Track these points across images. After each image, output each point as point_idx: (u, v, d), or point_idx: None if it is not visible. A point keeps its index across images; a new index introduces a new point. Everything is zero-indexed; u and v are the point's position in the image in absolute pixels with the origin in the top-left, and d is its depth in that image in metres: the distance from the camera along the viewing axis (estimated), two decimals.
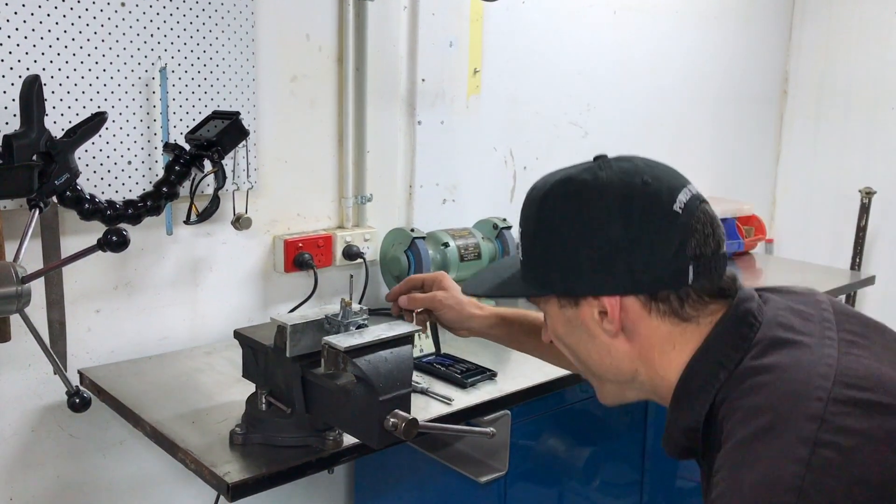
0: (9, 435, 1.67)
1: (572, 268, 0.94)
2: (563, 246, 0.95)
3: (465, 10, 2.29)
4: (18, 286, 1.23)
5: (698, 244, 0.92)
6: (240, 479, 1.26)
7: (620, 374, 0.99)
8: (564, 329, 1.00)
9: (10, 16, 1.50)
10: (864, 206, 3.18)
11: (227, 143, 1.61)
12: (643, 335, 0.95)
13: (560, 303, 0.98)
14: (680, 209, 0.92)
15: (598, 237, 0.92)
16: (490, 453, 1.74)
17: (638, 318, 0.94)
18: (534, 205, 0.99)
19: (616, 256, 0.91)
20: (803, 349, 0.88)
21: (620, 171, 0.94)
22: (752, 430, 0.80)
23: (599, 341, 0.97)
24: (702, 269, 0.92)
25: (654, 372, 0.97)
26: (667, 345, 0.94)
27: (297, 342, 1.29)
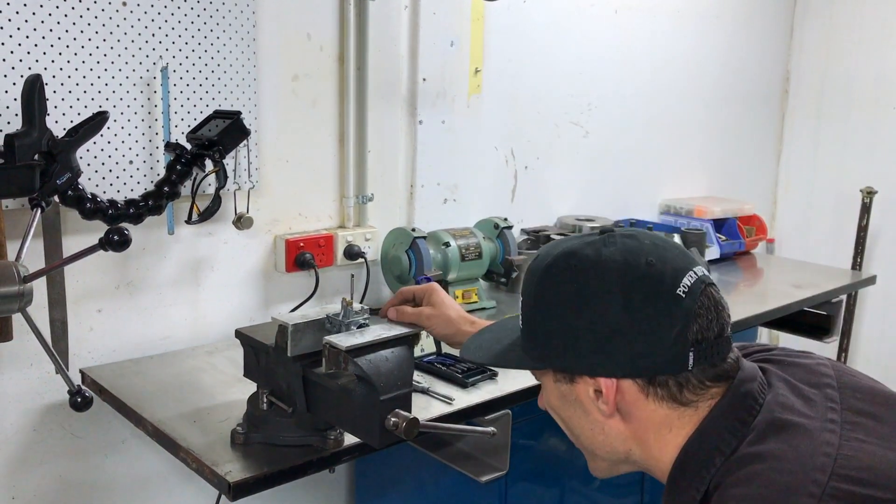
0: (11, 434, 1.67)
1: (569, 345, 0.93)
2: (561, 322, 0.93)
3: (466, 9, 2.29)
4: (20, 285, 1.23)
5: (700, 329, 0.90)
6: (241, 478, 1.26)
7: (613, 452, 0.98)
8: (559, 402, 0.99)
9: (12, 15, 1.50)
10: (865, 206, 3.18)
11: (229, 142, 1.62)
12: (639, 418, 0.93)
13: (556, 377, 0.97)
14: (683, 293, 0.89)
15: (597, 318, 0.90)
16: (491, 453, 1.74)
17: (634, 400, 0.92)
18: (535, 276, 0.98)
19: (614, 339, 0.90)
20: (802, 434, 0.86)
21: (624, 250, 0.92)
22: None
23: (593, 419, 0.96)
24: (703, 354, 0.90)
25: (648, 453, 0.95)
26: (663, 428, 0.93)
27: (298, 342, 1.29)
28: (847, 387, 0.95)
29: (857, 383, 0.96)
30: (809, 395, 0.92)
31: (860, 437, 0.86)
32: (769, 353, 1.02)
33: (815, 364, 0.99)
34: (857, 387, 0.95)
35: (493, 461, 1.73)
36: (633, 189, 2.96)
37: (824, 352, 3.45)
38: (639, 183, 2.98)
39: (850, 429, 0.87)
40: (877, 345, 3.39)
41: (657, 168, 3.04)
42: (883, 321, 3.36)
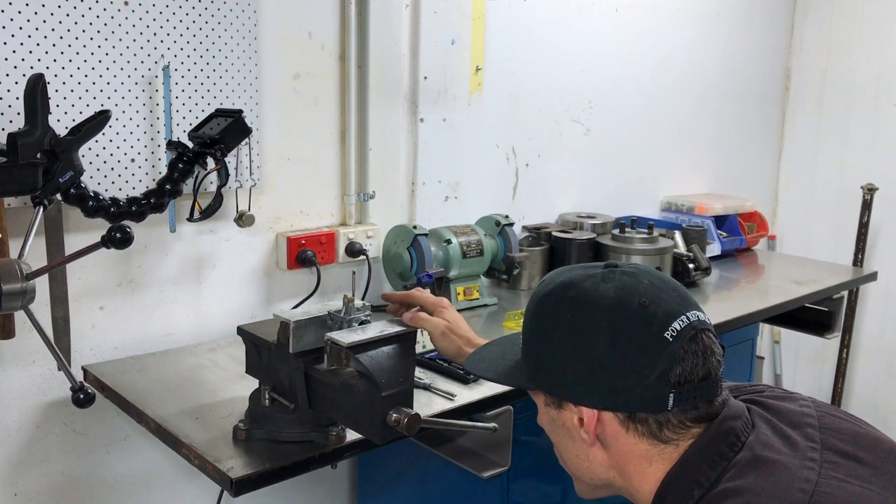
0: (13, 431, 1.68)
1: (557, 373, 0.97)
2: (551, 350, 0.98)
3: (466, 7, 2.30)
4: (23, 283, 1.24)
5: (684, 372, 0.92)
6: (243, 474, 1.26)
7: (596, 478, 1.01)
8: (549, 425, 1.03)
9: (14, 14, 1.51)
10: (866, 203, 3.18)
11: (230, 140, 1.62)
12: (619, 450, 0.96)
13: (546, 399, 1.01)
14: (671, 336, 0.91)
15: (583, 350, 0.94)
16: (492, 448, 1.75)
17: (615, 433, 0.95)
18: (534, 302, 1.02)
19: (598, 372, 0.93)
20: (781, 471, 0.87)
21: (620, 287, 0.95)
22: None
23: (578, 445, 0.99)
24: (684, 396, 0.92)
25: (629, 483, 0.98)
26: (643, 461, 0.95)
27: (300, 338, 1.30)
28: (829, 428, 0.97)
29: (839, 425, 0.98)
30: (791, 436, 0.94)
31: (839, 476, 0.88)
32: (757, 395, 1.04)
33: (799, 406, 1.01)
34: (839, 429, 0.97)
35: (495, 457, 1.73)
36: (635, 186, 2.96)
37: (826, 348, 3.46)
38: (640, 180, 2.98)
39: (829, 468, 0.89)
40: (878, 341, 3.40)
41: (658, 165, 3.04)
42: (884, 317, 3.36)
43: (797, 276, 2.65)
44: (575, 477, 1.06)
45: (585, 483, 1.04)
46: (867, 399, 3.44)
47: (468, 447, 1.79)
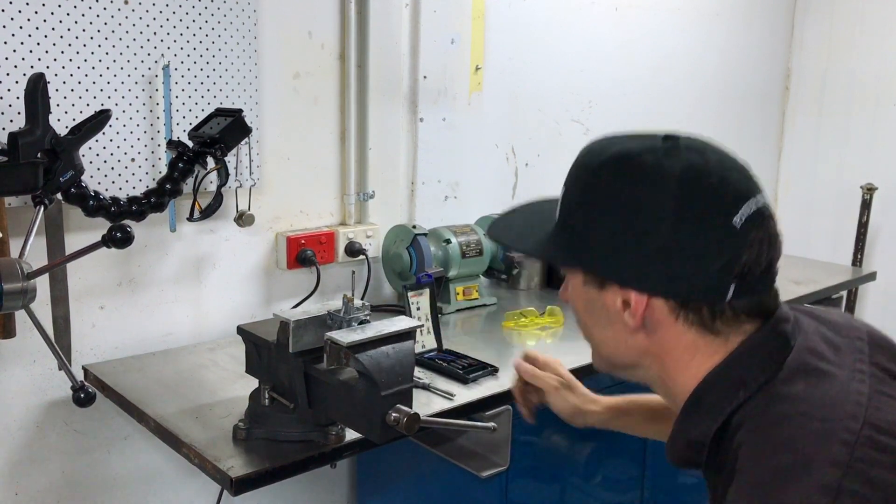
0: (14, 430, 1.68)
1: (607, 252, 0.87)
2: (603, 228, 0.87)
3: (466, 7, 2.30)
4: (24, 282, 1.24)
5: (748, 262, 0.84)
6: (243, 473, 1.27)
7: (626, 361, 0.94)
8: (584, 305, 0.94)
9: (15, 14, 1.51)
10: (866, 203, 3.18)
11: (230, 140, 1.62)
12: (664, 337, 0.89)
13: (585, 279, 0.92)
14: (739, 222, 0.84)
15: (643, 232, 0.84)
16: (491, 448, 1.75)
17: (662, 320, 0.87)
18: (585, 173, 0.92)
19: (656, 256, 0.84)
20: (833, 382, 0.82)
21: (688, 166, 0.85)
22: (771, 470, 0.76)
23: (616, 328, 0.91)
24: (745, 287, 0.85)
25: (665, 373, 0.91)
26: (687, 353, 0.88)
27: (299, 338, 1.30)
28: (878, 344, 0.91)
29: (889, 344, 0.92)
30: (838, 344, 0.88)
31: (888, 392, 0.82)
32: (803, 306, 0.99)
33: (848, 320, 0.95)
34: (888, 346, 0.92)
35: (494, 456, 1.74)
36: None
37: None
38: None
39: (877, 382, 0.84)
40: None
41: None
42: (883, 317, 3.36)
43: (796, 276, 2.65)
44: (599, 355, 0.98)
45: (611, 364, 0.97)
46: None
47: (467, 447, 1.79)
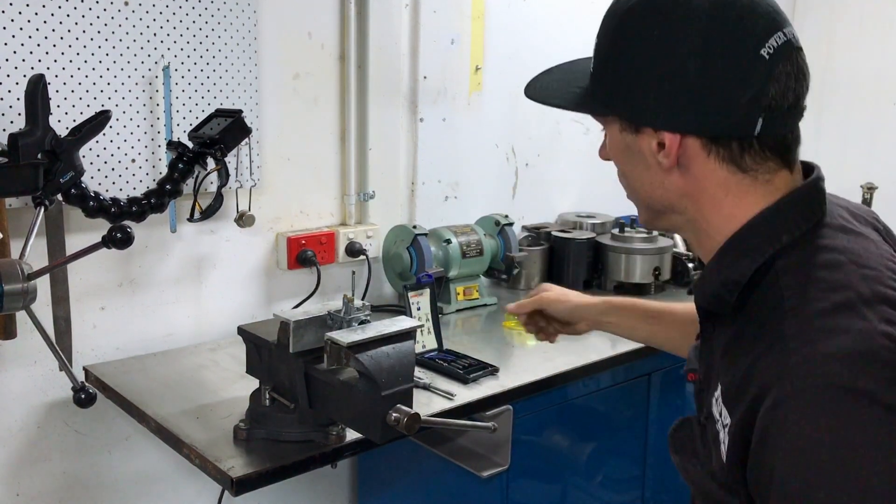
0: (15, 431, 1.69)
1: (640, 95, 0.89)
2: (634, 69, 0.89)
3: (466, 7, 2.30)
4: (24, 283, 1.24)
5: (776, 96, 0.85)
6: (244, 473, 1.27)
7: (667, 205, 0.96)
8: (622, 154, 0.97)
9: (15, 15, 1.51)
10: (866, 202, 3.17)
11: (230, 140, 1.62)
12: (697, 175, 0.90)
13: (621, 126, 0.94)
14: (768, 54, 0.84)
15: (673, 69, 0.86)
16: (492, 448, 1.75)
17: (695, 157, 0.89)
18: (614, 19, 0.92)
19: (686, 93, 0.86)
20: (867, 241, 0.87)
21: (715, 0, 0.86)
22: (831, 304, 0.77)
23: (653, 172, 0.93)
24: (772, 121, 0.86)
25: (700, 214, 0.93)
26: (720, 191, 0.90)
27: (300, 338, 1.30)
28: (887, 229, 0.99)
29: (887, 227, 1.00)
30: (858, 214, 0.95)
31: None
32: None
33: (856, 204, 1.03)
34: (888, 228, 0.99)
35: (495, 456, 1.74)
36: None
37: None
38: None
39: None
40: None
41: None
42: None
43: None
44: (642, 205, 1.01)
45: (652, 210, 0.99)
46: None
47: (468, 447, 1.79)
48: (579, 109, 1.00)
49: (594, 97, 0.96)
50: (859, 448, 0.70)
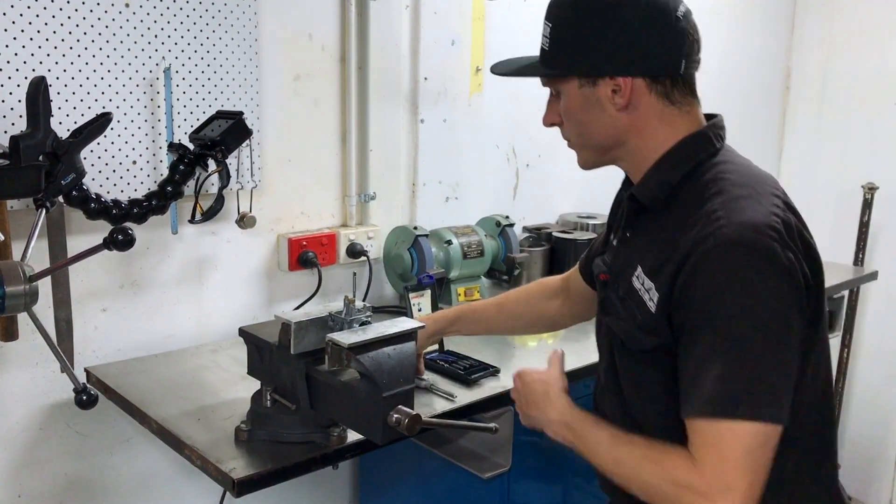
0: (17, 432, 1.69)
1: (598, 52, 1.16)
2: (593, 32, 1.15)
3: (466, 8, 2.30)
4: (26, 285, 1.24)
5: (689, 46, 1.19)
6: (245, 475, 1.27)
7: (616, 141, 1.21)
8: (580, 107, 1.20)
9: (16, 17, 1.51)
10: (867, 202, 3.18)
11: (231, 142, 1.63)
12: (642, 112, 1.18)
13: (580, 83, 1.18)
14: (682, 15, 1.18)
15: (622, 27, 1.14)
16: (493, 449, 1.76)
17: (641, 95, 1.16)
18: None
19: (634, 45, 1.14)
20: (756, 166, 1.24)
21: None
22: (739, 194, 1.11)
23: (608, 115, 1.18)
24: (689, 64, 1.20)
25: (642, 142, 1.19)
26: (656, 121, 1.18)
27: (301, 339, 1.30)
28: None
29: None
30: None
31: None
32: None
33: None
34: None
35: (496, 457, 1.74)
36: None
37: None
38: None
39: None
40: (879, 340, 3.40)
41: None
42: (885, 317, 3.36)
43: None
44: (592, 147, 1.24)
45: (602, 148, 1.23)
46: (868, 399, 3.44)
47: (469, 448, 1.79)
48: (543, 75, 1.23)
49: (553, 64, 1.20)
50: (753, 280, 1.04)
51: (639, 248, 1.20)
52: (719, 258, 1.05)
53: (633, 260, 1.20)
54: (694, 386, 1.05)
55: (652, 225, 1.19)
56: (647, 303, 1.14)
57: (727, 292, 1.04)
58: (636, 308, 1.16)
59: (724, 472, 1.02)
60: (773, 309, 1.04)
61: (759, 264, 1.04)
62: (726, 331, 1.04)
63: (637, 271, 1.17)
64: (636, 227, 1.24)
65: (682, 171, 1.17)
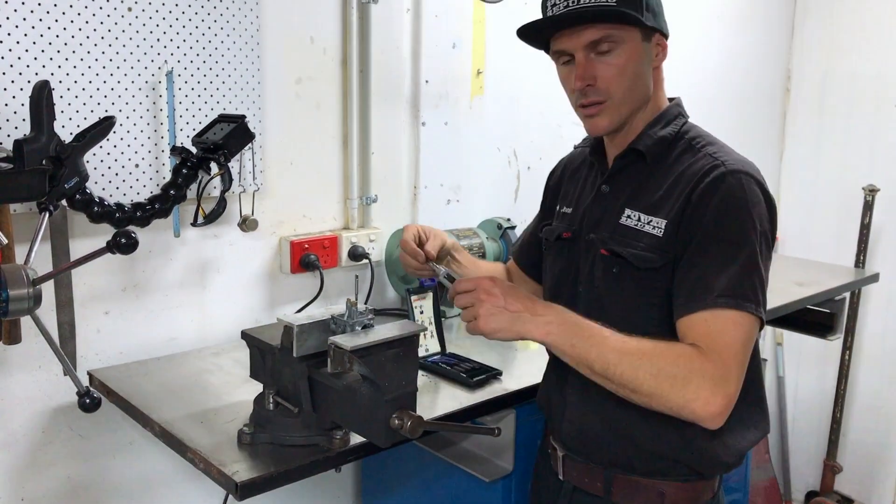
0: (20, 436, 1.69)
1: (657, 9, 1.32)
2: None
3: (467, 11, 2.30)
4: (29, 288, 1.24)
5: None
6: (248, 478, 1.27)
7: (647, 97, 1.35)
8: (637, 58, 1.30)
9: (20, 21, 1.52)
10: (868, 204, 3.18)
11: (234, 145, 1.63)
12: (659, 69, 1.37)
13: (643, 36, 1.30)
14: None
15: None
16: (496, 452, 1.76)
17: (663, 55, 1.35)
18: None
19: (661, 8, 1.34)
20: None
21: None
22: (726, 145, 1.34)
23: (649, 71, 1.33)
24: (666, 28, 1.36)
25: (652, 101, 1.36)
26: (659, 83, 1.38)
27: (303, 342, 1.31)
28: None
29: None
30: None
31: None
32: None
33: None
34: None
35: (498, 460, 1.74)
36: None
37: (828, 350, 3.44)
38: None
39: None
40: (880, 342, 3.40)
41: None
42: (886, 318, 3.37)
43: (799, 278, 2.65)
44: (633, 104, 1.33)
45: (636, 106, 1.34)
46: (870, 401, 3.44)
47: (471, 451, 1.79)
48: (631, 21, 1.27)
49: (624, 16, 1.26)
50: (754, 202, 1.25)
51: (624, 197, 1.36)
52: (727, 184, 1.24)
53: (614, 207, 1.36)
54: (703, 285, 1.21)
55: (639, 176, 1.35)
56: (652, 231, 1.29)
57: (736, 210, 1.23)
58: (635, 240, 1.31)
59: (728, 357, 1.18)
60: (765, 229, 1.26)
61: (758, 190, 1.27)
62: (737, 241, 1.22)
63: (625, 213, 1.33)
64: (616, 182, 1.39)
65: (675, 130, 1.36)
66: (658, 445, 1.33)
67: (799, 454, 3.61)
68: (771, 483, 3.34)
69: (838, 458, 3.43)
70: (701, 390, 1.16)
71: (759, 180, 1.28)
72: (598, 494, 1.40)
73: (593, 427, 1.39)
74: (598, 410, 1.36)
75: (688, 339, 1.21)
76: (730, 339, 1.19)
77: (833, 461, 3.42)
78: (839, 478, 3.46)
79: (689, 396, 1.16)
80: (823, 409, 3.51)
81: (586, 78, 1.30)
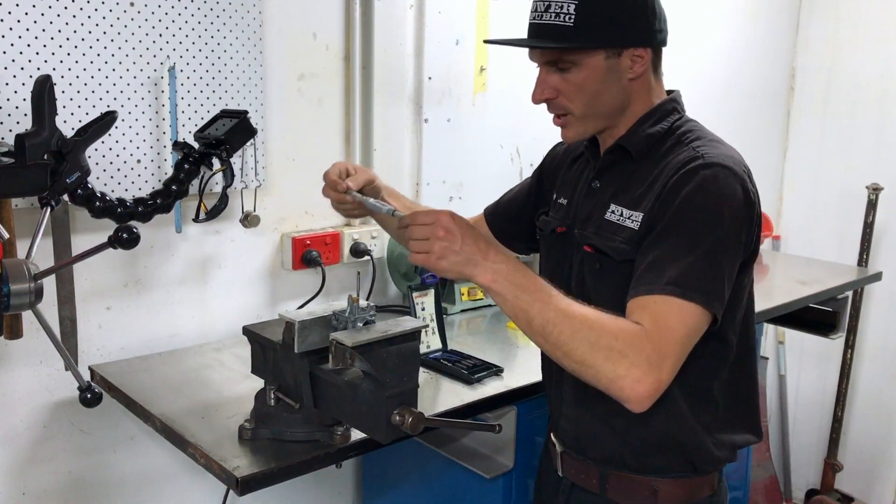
0: (21, 430, 1.69)
1: (626, 22, 1.27)
2: (617, 7, 1.26)
3: (471, 8, 2.30)
4: (31, 283, 1.24)
5: (664, 21, 1.33)
6: (249, 473, 1.27)
7: (621, 108, 1.33)
8: (601, 77, 1.28)
9: (21, 16, 1.52)
10: (871, 203, 3.17)
11: (236, 141, 1.63)
12: (643, 78, 1.32)
13: (607, 54, 1.27)
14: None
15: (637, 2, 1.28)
16: (496, 448, 1.76)
17: (646, 65, 1.31)
18: None
19: (646, 18, 1.28)
20: None
21: None
22: (715, 139, 1.32)
23: (621, 84, 1.30)
24: (665, 38, 1.34)
25: (631, 108, 1.34)
26: (648, 89, 1.34)
27: (305, 338, 1.31)
28: None
29: None
30: None
31: None
32: None
33: None
34: None
35: (499, 457, 1.74)
36: None
37: (830, 348, 3.44)
38: None
39: None
40: (882, 341, 3.39)
41: None
42: (889, 317, 3.36)
43: (801, 277, 2.65)
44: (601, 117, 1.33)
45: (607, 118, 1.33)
46: (872, 400, 3.44)
47: (472, 447, 1.79)
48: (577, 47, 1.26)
49: (582, 37, 1.25)
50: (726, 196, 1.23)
51: (611, 192, 1.35)
52: (700, 175, 1.23)
53: (602, 202, 1.35)
54: (657, 270, 1.21)
55: (626, 172, 1.34)
56: (631, 225, 1.29)
57: (703, 202, 1.22)
58: (615, 234, 1.31)
59: (667, 343, 1.16)
60: (737, 224, 1.24)
61: (736, 186, 1.24)
62: (699, 233, 1.21)
63: (610, 208, 1.33)
64: (605, 178, 1.38)
65: (667, 125, 1.34)
66: (649, 442, 1.34)
67: (800, 452, 3.61)
68: (771, 481, 3.33)
69: (839, 456, 3.43)
70: (634, 368, 1.13)
71: (740, 176, 1.24)
72: (594, 491, 1.41)
73: (588, 424, 1.39)
74: (592, 407, 1.36)
75: (641, 315, 1.19)
76: (672, 326, 1.17)
77: (834, 459, 3.42)
78: (840, 476, 3.45)
79: (621, 372, 1.14)
80: (825, 407, 3.50)
81: (544, 92, 1.32)
